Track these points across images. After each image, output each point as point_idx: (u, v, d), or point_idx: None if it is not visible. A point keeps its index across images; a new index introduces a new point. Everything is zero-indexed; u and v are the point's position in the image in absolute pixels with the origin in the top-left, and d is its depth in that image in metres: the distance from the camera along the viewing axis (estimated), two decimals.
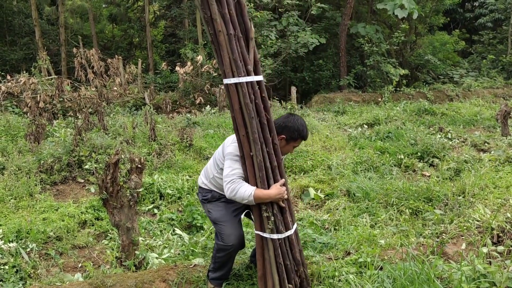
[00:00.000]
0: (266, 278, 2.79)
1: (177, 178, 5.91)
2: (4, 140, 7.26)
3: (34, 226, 4.38)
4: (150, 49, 18.18)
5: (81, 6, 16.55)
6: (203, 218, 4.70)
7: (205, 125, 9.54)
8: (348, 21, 15.81)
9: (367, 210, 4.87)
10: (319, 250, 3.78)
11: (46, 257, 3.99)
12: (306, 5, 15.43)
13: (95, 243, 4.38)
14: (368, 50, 15.08)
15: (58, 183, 6.00)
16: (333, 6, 17.18)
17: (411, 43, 17.86)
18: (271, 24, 14.97)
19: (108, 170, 3.57)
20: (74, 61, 12.54)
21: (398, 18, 16.02)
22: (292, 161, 6.57)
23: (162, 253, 3.91)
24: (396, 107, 12.19)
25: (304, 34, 14.25)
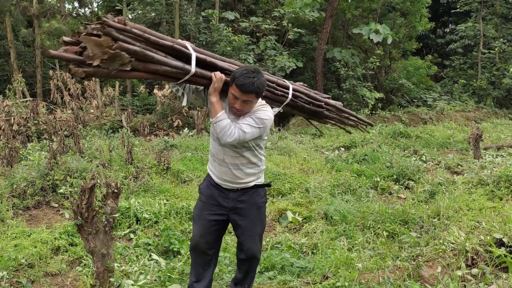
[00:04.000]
0: None
1: (154, 202, 5.84)
2: None
3: (5, 253, 4.25)
4: None
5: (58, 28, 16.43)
6: (180, 242, 4.64)
7: (183, 148, 9.49)
8: (324, 46, 16.13)
9: (344, 233, 4.90)
10: (297, 275, 3.78)
11: (17, 285, 3.86)
12: (283, 29, 15.73)
13: (69, 270, 4.27)
14: (344, 74, 15.39)
15: (31, 208, 5.86)
16: (310, 31, 17.55)
17: (386, 67, 18.33)
18: (249, 48, 15.17)
19: (83, 195, 3.51)
20: (50, 83, 12.40)
21: (373, 43, 16.48)
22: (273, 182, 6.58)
23: (138, 280, 3.83)
24: (372, 130, 12.41)
25: (281, 58, 14.47)
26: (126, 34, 2.28)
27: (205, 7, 17.23)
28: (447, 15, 23.57)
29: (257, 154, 2.96)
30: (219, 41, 14.72)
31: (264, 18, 15.98)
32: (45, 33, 16.86)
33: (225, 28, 14.86)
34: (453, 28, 22.40)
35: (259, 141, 2.94)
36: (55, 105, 12.10)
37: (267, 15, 16.99)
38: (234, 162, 2.92)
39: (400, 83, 17.34)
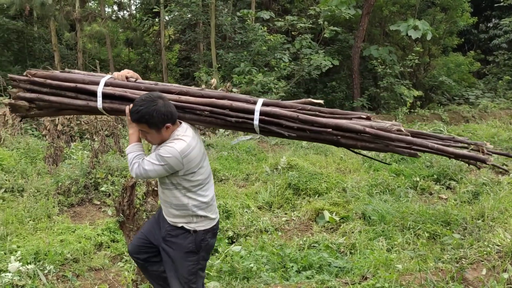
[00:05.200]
0: None
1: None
2: (24, 163, 7.39)
3: (52, 248, 4.42)
4: (165, 72, 18.48)
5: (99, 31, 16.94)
6: (218, 241, 4.69)
7: (219, 147, 9.59)
8: (361, 44, 15.91)
9: (383, 234, 4.82)
10: (335, 275, 3.75)
11: (63, 279, 4.01)
12: (319, 28, 15.60)
13: (111, 265, 4.39)
14: (381, 72, 15.12)
15: (75, 205, 6.07)
16: (346, 29, 17.33)
17: (425, 64, 17.87)
18: (284, 47, 15.14)
19: (125, 193, 3.61)
20: None
21: (411, 40, 16.10)
22: (307, 183, 6.55)
23: None
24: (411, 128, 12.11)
25: (317, 56, 14.37)
26: (31, 83, 2.69)
27: (241, 7, 17.32)
28: (490, 9, 22.71)
29: (186, 195, 2.57)
30: (255, 41, 14.77)
31: (300, 16, 15.91)
32: (87, 36, 17.42)
33: (260, 27, 14.89)
34: (496, 23, 21.55)
35: (181, 181, 2.53)
36: None
37: (303, 13, 16.91)
38: (162, 197, 2.69)
39: (440, 80, 16.86)
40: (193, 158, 2.48)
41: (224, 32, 16.06)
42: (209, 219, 2.67)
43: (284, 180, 6.63)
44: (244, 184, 7.16)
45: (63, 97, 2.68)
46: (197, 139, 2.57)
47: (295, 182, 6.48)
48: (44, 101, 2.69)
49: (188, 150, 2.44)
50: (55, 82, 2.67)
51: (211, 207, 2.68)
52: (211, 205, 2.69)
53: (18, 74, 10.94)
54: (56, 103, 2.69)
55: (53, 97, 2.68)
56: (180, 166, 2.45)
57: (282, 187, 6.49)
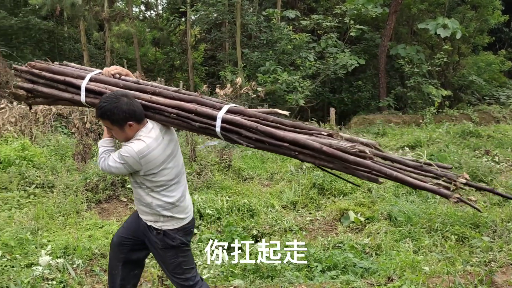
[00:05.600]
0: None
1: (216, 199, 5.97)
2: (54, 159, 7.58)
3: (80, 243, 4.52)
4: (190, 72, 18.65)
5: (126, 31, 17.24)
6: (242, 239, 4.71)
7: (243, 146, 9.60)
8: (387, 42, 15.70)
9: (409, 235, 4.74)
10: (360, 275, 3.71)
11: (91, 273, 4.09)
12: (345, 27, 15.47)
13: None
14: (409, 71, 14.88)
15: (103, 202, 6.19)
16: (373, 28, 17.14)
17: (454, 63, 17.50)
18: (309, 46, 15.08)
19: None
20: None
21: (440, 39, 15.79)
22: (332, 183, 6.51)
23: (202, 273, 3.93)
24: (439, 129, 11.90)
25: (343, 55, 14.26)
26: (30, 74, 2.83)
27: (266, 6, 17.33)
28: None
29: (149, 194, 2.59)
30: (280, 40, 14.76)
31: (325, 15, 15.81)
32: (115, 36, 17.74)
33: (285, 26, 14.86)
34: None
35: (143, 180, 2.55)
36: None
37: (328, 12, 16.81)
38: (134, 194, 2.73)
39: (470, 79, 16.48)
40: (152, 159, 2.46)
41: (250, 31, 16.10)
42: (176, 219, 2.65)
43: (309, 180, 6.60)
44: (269, 183, 7.17)
45: (55, 89, 2.77)
46: (160, 141, 2.52)
47: (320, 182, 6.45)
48: (38, 91, 2.81)
49: (147, 151, 2.43)
50: (49, 75, 2.77)
51: (178, 208, 2.65)
52: (178, 206, 2.65)
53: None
54: (48, 95, 2.80)
55: (46, 88, 2.78)
56: (138, 166, 2.46)
57: (307, 186, 6.46)
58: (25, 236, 4.74)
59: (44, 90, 2.79)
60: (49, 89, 2.78)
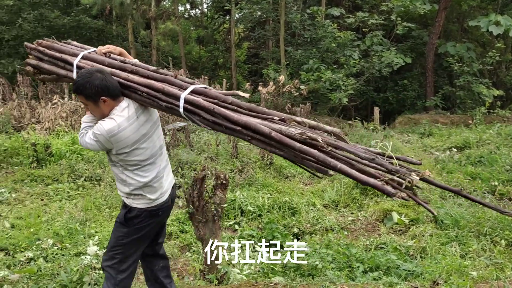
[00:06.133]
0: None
1: (257, 196, 5.99)
2: (102, 153, 7.84)
3: None
4: (233, 70, 18.79)
5: (172, 29, 17.58)
6: (283, 236, 4.70)
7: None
8: (436, 40, 15.22)
9: (456, 239, 4.59)
10: (404, 278, 3.63)
11: None
12: (391, 24, 15.11)
13: (180, 254, 4.55)
14: (458, 70, 14.36)
15: None
16: (420, 25, 16.66)
17: (507, 62, 16.73)
18: (354, 44, 14.85)
19: (195, 185, 3.73)
20: None
21: (492, 36, 15.15)
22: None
23: (242, 269, 3.97)
24: (489, 130, 11.41)
25: (388, 53, 13.94)
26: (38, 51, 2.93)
27: (310, 4, 17.20)
28: None
29: (123, 172, 2.61)
30: (324, 38, 14.61)
31: (371, 13, 15.51)
32: (161, 34, 18.13)
33: (330, 24, 14.70)
34: None
35: (117, 159, 2.58)
36: None
37: (374, 10, 16.47)
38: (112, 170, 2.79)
39: None
40: (123, 138, 2.45)
41: (293, 29, 16.03)
42: (146, 198, 2.65)
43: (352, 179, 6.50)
44: (310, 182, 7.12)
45: (54, 66, 2.85)
46: (133, 121, 2.51)
47: None
48: (41, 67, 2.92)
49: (117, 130, 2.43)
50: (50, 52, 2.86)
51: (150, 188, 2.64)
52: (151, 186, 2.64)
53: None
54: (49, 71, 2.89)
55: (47, 65, 2.88)
56: (109, 145, 2.47)
57: (349, 186, 6.38)
58: (75, 226, 4.95)
59: (45, 67, 2.90)
60: (50, 65, 2.88)
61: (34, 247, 4.44)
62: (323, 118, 13.79)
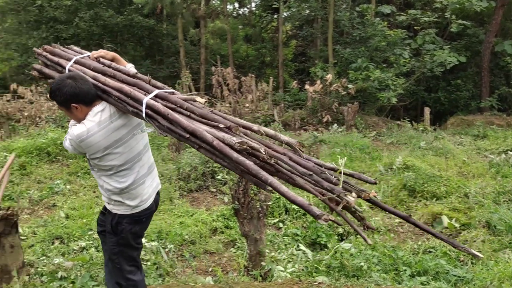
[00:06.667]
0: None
1: (302, 194, 5.97)
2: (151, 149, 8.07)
3: (173, 229, 4.78)
4: (280, 68, 18.77)
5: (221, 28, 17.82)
6: (328, 236, 4.67)
7: (332, 144, 9.50)
8: (493, 38, 14.56)
9: (510, 246, 4.39)
10: (453, 284, 3.51)
11: (181, 258, 4.32)
12: (445, 22, 14.59)
13: (224, 250, 4.62)
14: None
15: (194, 191, 6.48)
16: (476, 23, 15.97)
17: None
18: (404, 43, 14.46)
19: (241, 182, 3.77)
20: (211, 79, 13.50)
21: None
22: (424, 185, 6.21)
23: (286, 267, 3.97)
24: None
25: (441, 52, 13.47)
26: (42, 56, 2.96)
27: (360, 2, 16.90)
28: None
29: (101, 177, 2.56)
30: (373, 36, 14.33)
31: (424, 10, 15.03)
32: (210, 33, 18.40)
33: (380, 22, 14.38)
34: None
35: (92, 163, 2.54)
36: (215, 98, 13.12)
37: (427, 7, 15.95)
38: None
39: None
40: (93, 143, 2.39)
41: (342, 27, 15.82)
42: (125, 205, 2.58)
43: (399, 181, 6.36)
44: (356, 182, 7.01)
45: (53, 70, 2.90)
46: (105, 125, 2.42)
47: (411, 184, 6.19)
48: (43, 72, 2.98)
49: (86, 135, 2.38)
50: (49, 56, 2.91)
51: (128, 194, 2.56)
52: (129, 193, 2.56)
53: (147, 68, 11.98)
54: (49, 75, 2.92)
55: (47, 69, 2.93)
56: (81, 149, 2.45)
57: (397, 187, 6.24)
58: None
59: (46, 71, 2.96)
60: (50, 70, 2.94)
61: (86, 237, 4.65)
62: (371, 118, 13.54)
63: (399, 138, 10.63)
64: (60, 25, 17.65)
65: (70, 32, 17.42)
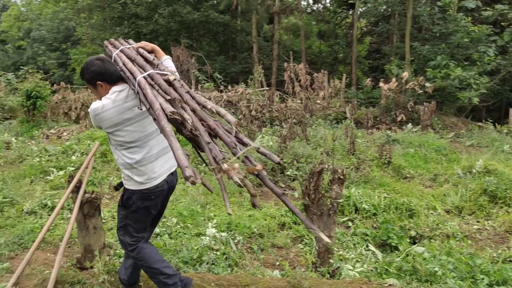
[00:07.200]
0: None
1: (373, 194, 5.83)
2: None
3: (242, 221, 4.87)
4: (354, 65, 18.41)
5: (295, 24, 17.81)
6: (399, 238, 4.52)
7: (406, 143, 9.18)
8: None
9: None
10: None
11: (249, 250, 4.39)
12: None
13: (292, 245, 4.63)
14: None
15: (263, 185, 6.53)
16: None
17: None
18: (490, 39, 13.59)
19: (312, 178, 3.75)
20: (283, 75, 13.53)
21: None
22: (507, 191, 5.81)
23: (354, 266, 3.91)
24: None
25: None
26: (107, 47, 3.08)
27: None
28: None
29: (115, 150, 2.76)
30: (455, 32, 13.62)
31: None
32: (283, 29, 18.44)
33: (463, 18, 13.63)
34: None
35: (109, 136, 2.71)
36: (286, 94, 13.15)
37: None
38: None
39: None
40: (105, 118, 2.58)
41: (421, 23, 15.18)
42: (134, 181, 2.72)
43: (479, 185, 6.00)
44: (431, 185, 6.73)
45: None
46: (119, 104, 2.61)
47: (492, 189, 5.82)
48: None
49: (100, 110, 2.57)
50: (110, 47, 3.04)
51: (137, 170, 2.70)
52: (136, 169, 2.70)
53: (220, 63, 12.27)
54: None
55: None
56: (96, 123, 2.63)
57: (476, 192, 5.89)
58: (196, 208, 5.30)
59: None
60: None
61: (160, 224, 4.86)
62: (449, 118, 12.90)
63: (480, 141, 10.04)
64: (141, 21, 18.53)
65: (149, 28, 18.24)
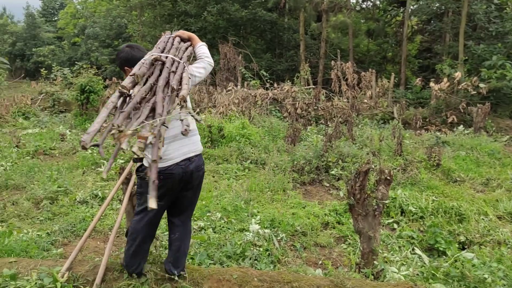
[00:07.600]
0: None
1: (420, 197, 5.68)
2: (267, 139, 8.29)
3: (285, 219, 4.87)
4: (403, 64, 17.93)
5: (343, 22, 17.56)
6: (447, 243, 4.38)
7: (456, 146, 8.86)
8: None
9: None
10: None
11: (292, 248, 4.39)
12: None
13: (335, 245, 4.59)
14: None
15: (307, 184, 6.52)
16: None
17: None
18: None
19: (358, 178, 3.70)
20: (330, 73, 13.38)
21: None
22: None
23: (400, 269, 3.82)
24: None
25: None
26: None
27: None
28: None
29: None
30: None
31: None
32: (331, 27, 18.24)
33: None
34: None
35: None
36: (333, 93, 13.00)
37: None
38: None
39: None
40: None
41: (476, 21, 14.58)
42: (147, 157, 2.75)
43: None
44: (483, 189, 6.47)
45: None
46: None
47: None
48: None
49: None
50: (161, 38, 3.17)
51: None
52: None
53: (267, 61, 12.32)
54: None
55: None
56: None
57: None
58: (240, 204, 5.35)
59: None
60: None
61: (205, 218, 4.95)
62: (504, 121, 12.33)
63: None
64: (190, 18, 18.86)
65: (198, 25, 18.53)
